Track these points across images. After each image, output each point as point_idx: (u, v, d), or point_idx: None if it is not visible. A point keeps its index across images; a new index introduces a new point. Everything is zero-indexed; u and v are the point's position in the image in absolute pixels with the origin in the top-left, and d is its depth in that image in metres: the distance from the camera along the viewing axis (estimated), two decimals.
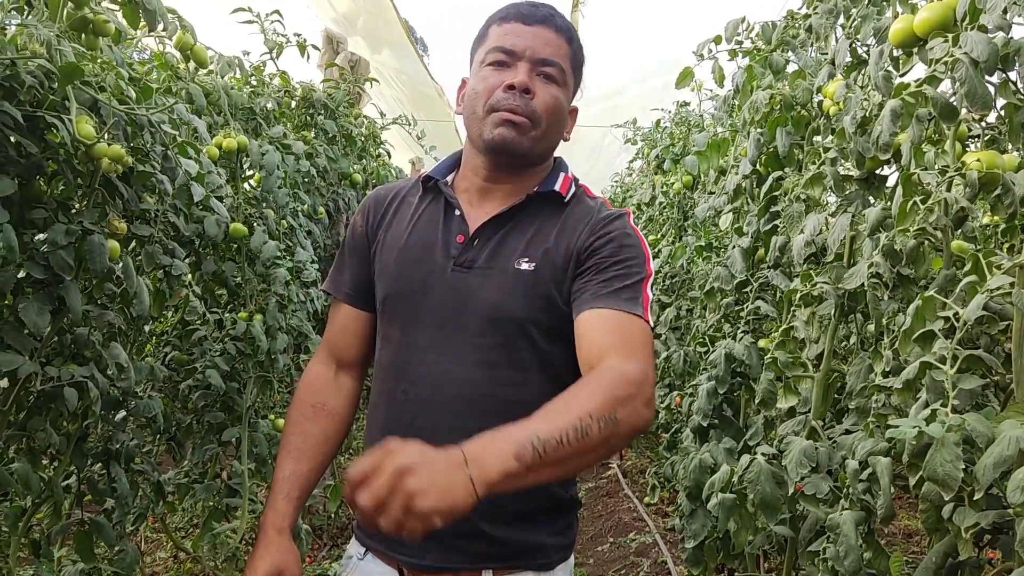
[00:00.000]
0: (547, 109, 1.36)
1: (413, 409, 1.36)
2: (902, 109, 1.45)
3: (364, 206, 1.53)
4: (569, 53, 1.41)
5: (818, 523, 1.76)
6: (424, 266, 1.40)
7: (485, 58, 1.39)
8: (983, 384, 1.29)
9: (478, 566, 1.35)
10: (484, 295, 1.36)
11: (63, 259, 1.73)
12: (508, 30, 1.38)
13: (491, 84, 1.36)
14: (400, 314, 1.41)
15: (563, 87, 1.40)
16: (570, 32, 1.42)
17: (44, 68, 1.64)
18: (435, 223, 1.44)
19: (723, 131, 3.38)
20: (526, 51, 1.36)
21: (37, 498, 2.01)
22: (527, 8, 1.40)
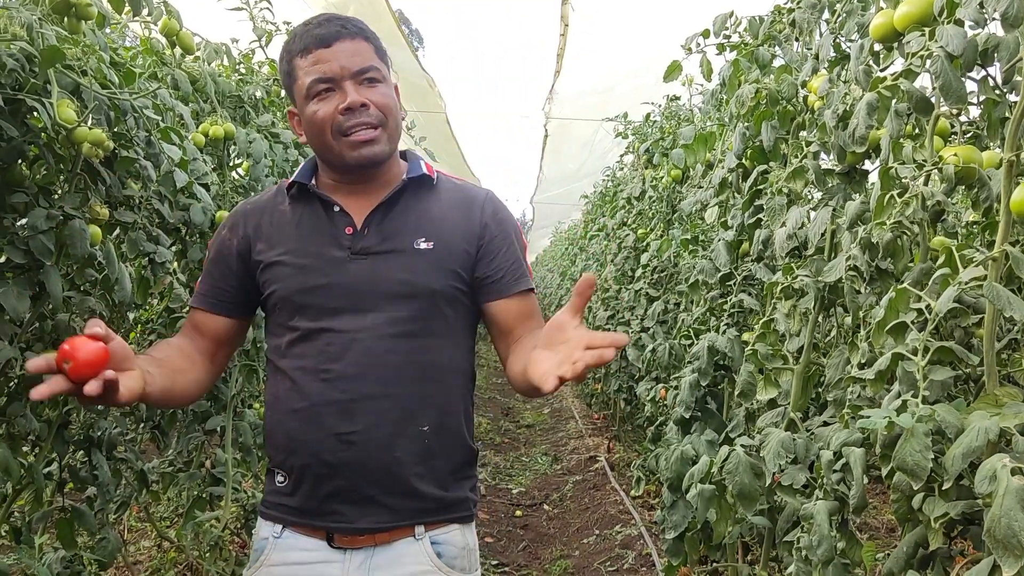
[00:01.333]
0: (385, 108, 1.48)
1: (342, 385, 1.45)
2: (878, 102, 1.47)
3: (232, 222, 1.60)
4: (372, 48, 1.51)
5: (795, 513, 1.77)
6: (320, 261, 1.49)
7: (308, 92, 1.47)
8: (954, 376, 1.30)
9: (412, 522, 1.48)
10: (391, 274, 1.49)
11: (43, 244, 1.73)
12: (315, 59, 1.46)
13: (328, 112, 1.45)
14: (308, 308, 1.49)
15: (385, 81, 1.50)
16: (363, 31, 1.51)
17: (25, 51, 1.64)
18: (318, 221, 1.53)
19: (711, 125, 3.39)
20: (342, 71, 1.45)
21: (18, 485, 2.01)
22: (318, 32, 1.47)
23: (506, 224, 1.60)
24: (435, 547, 1.50)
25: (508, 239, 1.58)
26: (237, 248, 1.57)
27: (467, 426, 1.57)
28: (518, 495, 5.84)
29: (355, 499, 1.46)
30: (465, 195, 1.62)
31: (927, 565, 1.39)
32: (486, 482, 6.06)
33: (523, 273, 1.57)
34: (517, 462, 6.82)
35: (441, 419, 1.51)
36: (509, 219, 1.62)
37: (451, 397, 1.54)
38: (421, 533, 1.49)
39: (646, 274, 4.57)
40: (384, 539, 1.47)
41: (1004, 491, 1.04)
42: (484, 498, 5.67)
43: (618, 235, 5.70)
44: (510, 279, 1.55)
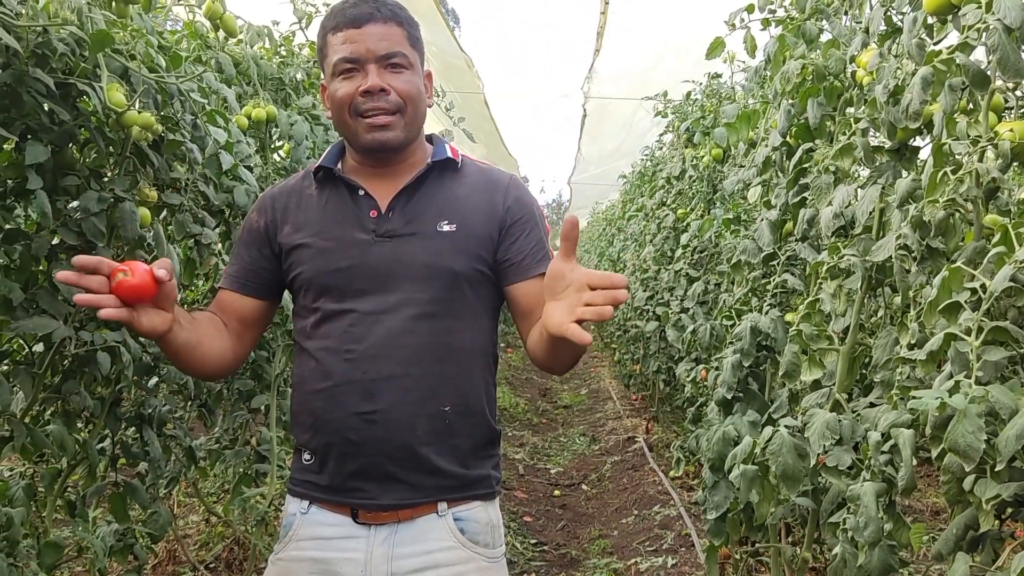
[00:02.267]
0: (407, 95, 1.51)
1: (364, 365, 1.49)
2: (933, 77, 1.43)
3: (260, 205, 1.65)
4: (404, 35, 1.53)
5: (840, 495, 1.75)
6: (345, 243, 1.54)
7: (334, 69, 1.51)
8: (1008, 356, 1.28)
9: (434, 498, 1.52)
10: (415, 257, 1.52)
11: (95, 226, 1.77)
12: (344, 39, 1.50)
13: (347, 92, 1.49)
14: (333, 289, 1.53)
15: (411, 68, 1.53)
16: (397, 15, 1.53)
17: (75, 36, 1.67)
18: (344, 205, 1.57)
19: (754, 103, 3.34)
20: (367, 54, 1.48)
21: (72, 460, 2.07)
22: (352, 11, 1.50)
23: (529, 207, 1.63)
24: (458, 523, 1.53)
25: (531, 222, 1.61)
26: (265, 230, 1.61)
27: (488, 406, 1.61)
28: (556, 475, 5.87)
29: (378, 476, 1.50)
30: (488, 178, 1.65)
31: (976, 547, 1.37)
32: (524, 462, 6.10)
33: (545, 255, 1.59)
34: (555, 442, 6.85)
35: (462, 399, 1.54)
36: (532, 203, 1.65)
37: (472, 378, 1.57)
38: (444, 510, 1.52)
39: (686, 254, 4.53)
40: (407, 515, 1.51)
41: None
42: (523, 478, 5.71)
43: (657, 215, 5.65)
44: (531, 261, 1.57)
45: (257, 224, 1.63)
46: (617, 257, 8.55)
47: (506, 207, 1.60)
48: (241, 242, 1.65)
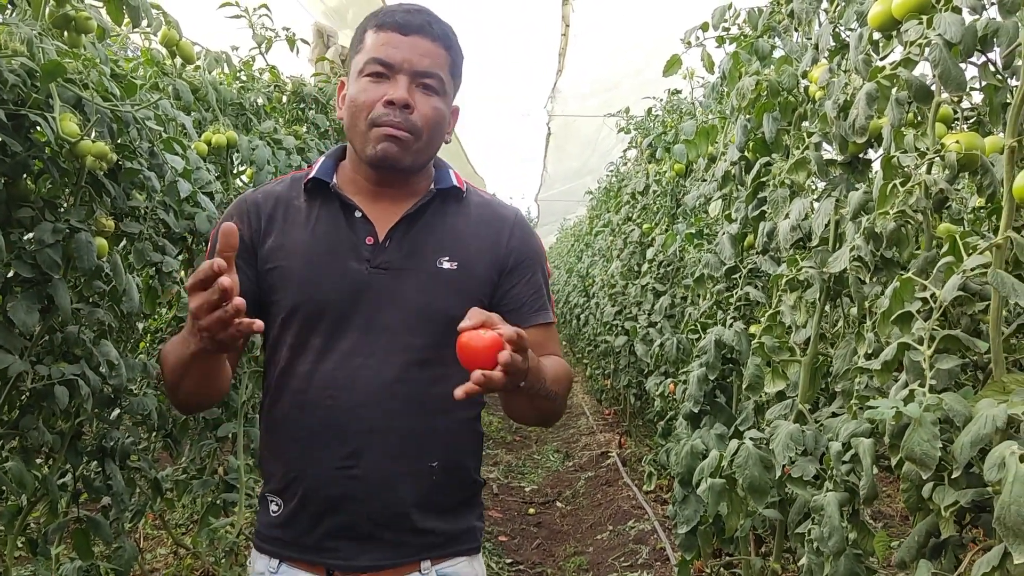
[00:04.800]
0: (428, 122, 1.37)
1: (347, 415, 1.35)
2: (877, 92, 1.46)
3: (240, 211, 1.44)
4: (448, 61, 1.41)
5: (806, 505, 1.77)
6: (336, 271, 1.38)
7: (363, 68, 1.36)
8: (961, 364, 1.30)
9: (416, 559, 1.41)
10: (410, 295, 1.38)
11: (50, 257, 1.75)
12: (385, 40, 1.36)
13: (370, 97, 1.34)
14: (316, 322, 1.37)
15: (443, 96, 1.40)
16: (448, 39, 1.41)
17: (26, 66, 1.65)
18: (336, 226, 1.41)
19: (713, 118, 3.38)
20: (404, 63, 1.35)
21: (33, 496, 2.03)
22: (403, 16, 1.37)
23: (533, 250, 1.51)
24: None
25: (532, 267, 1.49)
26: (250, 240, 1.41)
27: (475, 461, 1.50)
28: (531, 493, 5.85)
29: (357, 536, 1.38)
30: (493, 212, 1.51)
31: (939, 553, 1.39)
32: (499, 481, 6.07)
33: (543, 305, 1.49)
34: (529, 460, 6.83)
35: (450, 454, 1.42)
36: (536, 246, 1.54)
37: (461, 431, 1.45)
38: (427, 567, 1.41)
39: (652, 269, 4.57)
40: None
41: (1013, 478, 1.04)
42: (497, 497, 5.68)
43: (623, 230, 5.69)
44: (528, 311, 1.47)
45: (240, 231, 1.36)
46: (586, 272, 8.59)
47: (509, 248, 1.47)
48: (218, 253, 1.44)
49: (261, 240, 1.41)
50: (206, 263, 1.06)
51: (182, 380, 1.28)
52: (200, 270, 1.06)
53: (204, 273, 1.06)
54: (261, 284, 1.40)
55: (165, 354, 1.32)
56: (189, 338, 1.17)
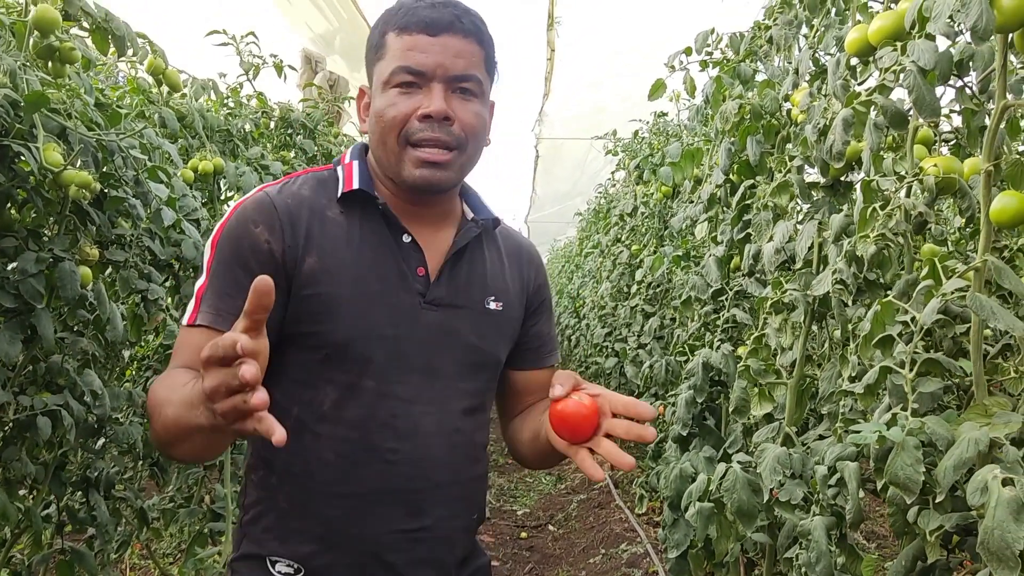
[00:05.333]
0: (471, 130, 1.22)
1: (410, 470, 1.21)
2: (853, 118, 1.48)
3: (269, 219, 1.19)
4: (483, 57, 1.24)
5: (794, 529, 1.76)
6: (390, 304, 1.21)
7: (390, 78, 1.19)
8: (943, 387, 1.31)
9: None
10: (462, 338, 1.26)
11: (34, 287, 1.74)
12: (412, 44, 1.18)
13: (402, 112, 1.18)
14: (369, 362, 1.19)
15: (482, 98, 1.25)
16: (480, 32, 1.24)
17: (9, 97, 1.65)
18: (385, 250, 1.23)
19: (698, 141, 3.41)
20: (437, 70, 1.18)
21: (16, 528, 2.01)
22: (429, 13, 1.20)
23: (548, 286, 1.45)
24: None
25: (550, 305, 1.43)
26: (282, 256, 1.17)
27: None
28: (523, 516, 5.81)
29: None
30: (517, 246, 1.42)
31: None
32: (490, 504, 6.04)
33: (556, 344, 1.44)
34: (521, 483, 6.80)
35: (484, 504, 1.35)
36: (548, 281, 1.46)
37: (486, 478, 1.37)
38: None
39: (641, 290, 4.58)
40: None
41: (996, 502, 1.04)
42: (489, 521, 5.65)
43: (612, 252, 5.71)
44: (546, 351, 1.40)
45: (266, 243, 1.17)
46: (576, 294, 8.60)
47: (536, 285, 1.39)
48: (238, 265, 1.16)
49: (300, 259, 1.18)
50: (229, 338, 0.81)
51: (179, 443, 1.02)
52: (221, 344, 0.81)
53: (224, 350, 0.81)
54: (295, 310, 1.18)
55: (159, 403, 1.04)
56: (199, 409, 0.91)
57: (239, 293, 1.08)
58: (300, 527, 1.21)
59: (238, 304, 1.03)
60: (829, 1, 1.98)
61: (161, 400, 1.03)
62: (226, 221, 1.19)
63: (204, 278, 1.17)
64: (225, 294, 1.14)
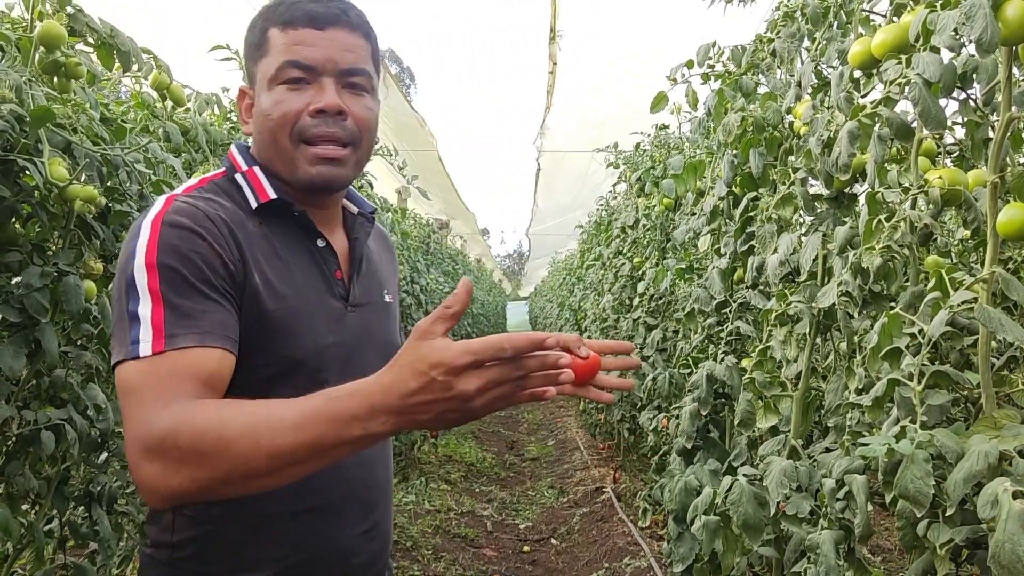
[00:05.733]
0: (364, 125, 1.20)
1: (359, 472, 1.24)
2: (859, 130, 1.48)
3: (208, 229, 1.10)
4: (370, 50, 1.23)
5: (802, 543, 1.75)
6: (325, 311, 1.21)
7: (277, 75, 1.16)
8: (952, 399, 1.30)
9: None
10: (378, 334, 1.28)
11: (38, 302, 1.74)
12: (298, 39, 1.15)
13: (293, 108, 1.15)
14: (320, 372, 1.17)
15: (372, 92, 1.23)
16: (366, 25, 1.23)
17: (15, 112, 1.66)
18: (308, 257, 1.22)
19: (700, 153, 3.41)
20: (327, 64, 1.16)
21: (18, 544, 2.00)
22: (314, 7, 1.17)
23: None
24: None
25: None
26: (234, 270, 1.11)
27: None
28: (525, 530, 5.79)
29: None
30: (381, 234, 1.43)
31: None
32: (492, 518, 6.01)
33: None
34: (523, 496, 6.77)
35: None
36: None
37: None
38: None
39: (643, 303, 4.57)
40: None
41: (1006, 515, 1.04)
42: (491, 534, 5.62)
43: (614, 264, 5.71)
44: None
45: (218, 256, 1.10)
46: (578, 306, 8.60)
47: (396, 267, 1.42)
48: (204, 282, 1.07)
49: (244, 276, 1.12)
50: (523, 338, 0.85)
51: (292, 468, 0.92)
52: (518, 343, 0.84)
53: (518, 350, 0.84)
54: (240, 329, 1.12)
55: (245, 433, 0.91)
56: (365, 421, 0.89)
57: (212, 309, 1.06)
58: (258, 554, 1.16)
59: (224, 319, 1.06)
60: (831, 14, 1.99)
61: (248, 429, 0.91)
62: (155, 239, 1.07)
63: (151, 302, 1.03)
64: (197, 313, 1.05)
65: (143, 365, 1.00)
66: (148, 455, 0.94)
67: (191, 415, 0.95)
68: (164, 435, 0.93)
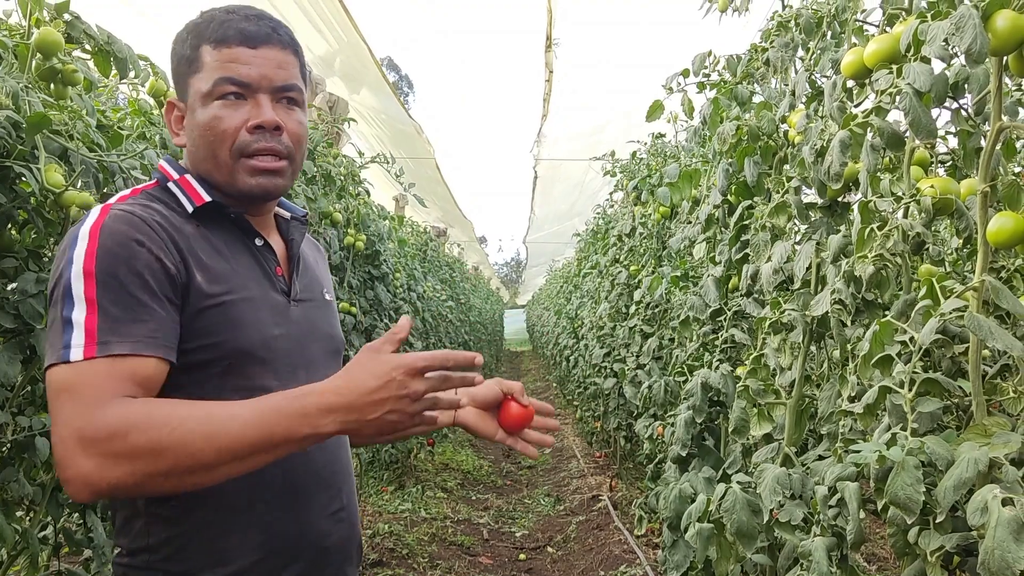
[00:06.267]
0: (297, 139, 1.28)
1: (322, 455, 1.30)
2: (850, 140, 1.49)
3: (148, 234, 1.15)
4: (299, 66, 1.30)
5: (795, 550, 1.76)
6: (269, 304, 1.27)
7: (212, 90, 1.21)
8: (943, 406, 1.31)
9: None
10: (321, 328, 1.37)
11: (33, 308, 1.74)
12: (232, 56, 1.21)
13: (233, 124, 1.21)
14: (268, 362, 1.23)
15: (302, 107, 1.31)
16: (294, 43, 1.30)
17: (11, 119, 1.66)
18: (248, 255, 1.29)
19: (696, 162, 3.43)
20: (263, 81, 1.22)
21: (13, 550, 1.99)
22: (246, 26, 1.23)
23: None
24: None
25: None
26: (176, 275, 1.16)
27: None
28: (521, 538, 5.78)
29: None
30: (312, 242, 1.53)
31: None
32: (489, 526, 6.00)
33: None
34: (519, 504, 6.76)
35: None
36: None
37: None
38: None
39: (639, 311, 4.58)
40: None
41: (996, 522, 1.04)
42: (488, 543, 5.61)
43: (610, 272, 5.72)
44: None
45: (158, 261, 1.14)
46: (575, 314, 8.60)
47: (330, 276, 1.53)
48: (142, 289, 1.11)
49: (191, 277, 1.18)
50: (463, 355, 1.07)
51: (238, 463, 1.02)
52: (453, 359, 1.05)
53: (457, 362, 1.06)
54: (189, 328, 1.17)
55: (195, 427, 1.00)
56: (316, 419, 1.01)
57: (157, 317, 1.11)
58: (234, 543, 1.20)
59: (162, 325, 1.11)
60: (825, 24, 2.01)
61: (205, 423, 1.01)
62: (94, 247, 1.10)
63: (86, 309, 1.07)
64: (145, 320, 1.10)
65: (73, 369, 1.04)
66: (87, 450, 0.99)
67: (146, 411, 1.02)
68: (112, 431, 0.99)
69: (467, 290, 12.89)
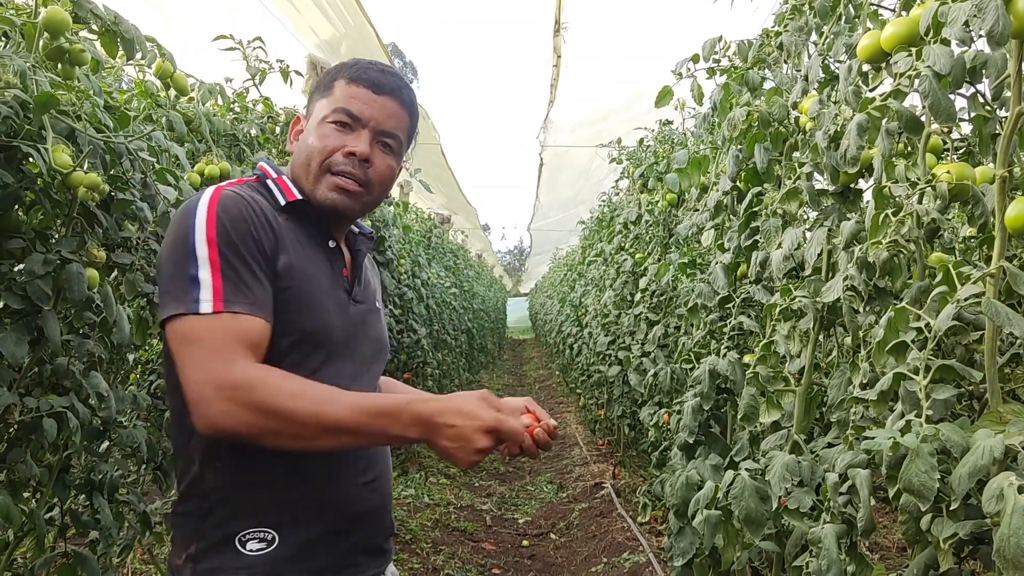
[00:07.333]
0: (382, 179, 1.45)
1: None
2: (868, 123, 1.47)
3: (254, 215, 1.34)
4: (408, 125, 1.49)
5: (803, 538, 1.75)
6: (334, 297, 1.43)
7: (329, 114, 1.42)
8: (957, 394, 1.30)
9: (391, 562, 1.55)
10: (372, 329, 1.53)
11: (41, 289, 1.73)
12: (356, 94, 1.42)
13: (331, 145, 1.40)
14: (326, 346, 1.39)
15: (398, 156, 1.48)
16: (413, 105, 1.50)
17: (19, 98, 1.65)
18: (322, 253, 1.45)
19: (704, 148, 3.41)
20: (371, 121, 1.41)
21: (19, 531, 1.99)
22: (378, 76, 1.44)
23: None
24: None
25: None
26: (271, 251, 1.34)
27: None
28: (524, 525, 5.79)
29: (369, 549, 1.46)
30: (371, 259, 1.67)
31: None
32: (492, 512, 6.01)
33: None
34: (523, 491, 6.77)
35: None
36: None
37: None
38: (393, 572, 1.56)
39: (645, 298, 4.56)
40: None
41: (1012, 509, 1.03)
42: (490, 529, 5.62)
43: (616, 260, 5.70)
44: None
45: (260, 238, 1.32)
46: (579, 302, 8.59)
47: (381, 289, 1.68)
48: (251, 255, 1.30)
49: (277, 256, 1.34)
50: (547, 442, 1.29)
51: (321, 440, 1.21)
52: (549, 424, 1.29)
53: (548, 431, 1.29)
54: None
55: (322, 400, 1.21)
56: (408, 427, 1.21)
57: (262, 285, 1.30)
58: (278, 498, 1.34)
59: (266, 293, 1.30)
60: (840, 8, 1.98)
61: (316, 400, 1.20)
62: (213, 219, 1.29)
63: (210, 270, 1.26)
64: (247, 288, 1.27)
65: (204, 321, 1.22)
66: (221, 394, 1.17)
67: (266, 375, 1.20)
68: (241, 383, 1.17)
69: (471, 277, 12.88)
